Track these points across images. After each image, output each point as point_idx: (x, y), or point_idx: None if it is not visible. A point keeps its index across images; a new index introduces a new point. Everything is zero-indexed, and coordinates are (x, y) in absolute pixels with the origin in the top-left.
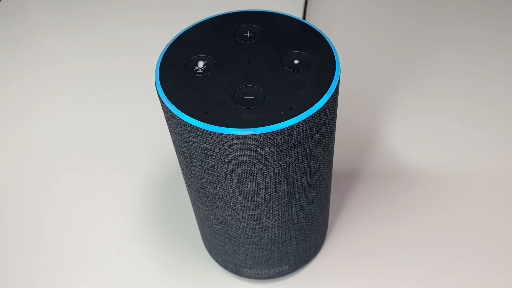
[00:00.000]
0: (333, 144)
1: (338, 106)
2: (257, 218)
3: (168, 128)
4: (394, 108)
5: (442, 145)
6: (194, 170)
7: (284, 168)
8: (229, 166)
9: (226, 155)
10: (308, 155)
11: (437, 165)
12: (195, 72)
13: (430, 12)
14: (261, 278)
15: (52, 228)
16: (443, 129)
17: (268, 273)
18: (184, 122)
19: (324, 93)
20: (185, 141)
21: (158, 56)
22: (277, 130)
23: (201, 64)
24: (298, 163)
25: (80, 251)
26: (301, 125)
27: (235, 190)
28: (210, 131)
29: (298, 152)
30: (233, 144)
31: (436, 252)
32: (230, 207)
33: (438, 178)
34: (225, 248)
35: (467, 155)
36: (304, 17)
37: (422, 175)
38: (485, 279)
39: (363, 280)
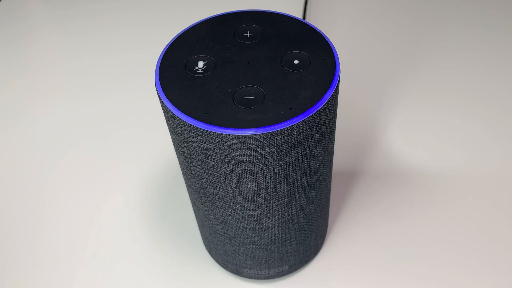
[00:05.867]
0: (333, 144)
1: (338, 106)
2: (257, 218)
3: (168, 128)
4: (394, 108)
5: (442, 145)
6: (194, 170)
7: (284, 168)
8: (229, 166)
9: (226, 155)
10: (308, 155)
11: (437, 165)
12: (195, 72)
13: (430, 12)
14: (261, 278)
15: (51, 228)
16: (443, 128)
17: (268, 273)
18: (184, 122)
19: (324, 93)
20: (185, 141)
21: (158, 56)
22: (277, 130)
23: (201, 64)
24: (298, 163)
25: (80, 250)
26: (301, 125)
27: (235, 190)
28: (210, 131)
29: (298, 152)
30: (233, 144)
31: (436, 251)
32: (230, 207)
33: (437, 177)
34: (225, 248)
35: (467, 154)
36: (304, 17)
37: (422, 175)
38: (486, 278)
39: (363, 280)
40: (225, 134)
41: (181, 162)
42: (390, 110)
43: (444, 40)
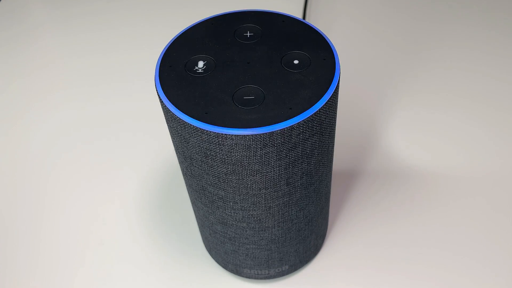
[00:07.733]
0: (333, 144)
1: (338, 106)
2: (257, 218)
3: (168, 128)
4: (394, 108)
5: (442, 145)
6: (194, 170)
7: (284, 168)
8: (229, 166)
9: (226, 155)
10: (308, 155)
11: (436, 165)
12: (195, 72)
13: (430, 12)
14: (261, 278)
15: (51, 228)
16: (443, 128)
17: (268, 273)
18: (184, 122)
19: (324, 93)
20: (185, 141)
21: (158, 56)
22: (277, 130)
23: (201, 64)
24: (298, 163)
25: (80, 251)
26: (301, 125)
27: (235, 190)
28: (210, 131)
29: (298, 152)
30: (233, 144)
31: (436, 251)
32: (230, 207)
33: (437, 177)
34: (225, 248)
35: (467, 154)
36: (304, 17)
37: (422, 175)
38: (486, 278)
39: (363, 280)
40: (225, 134)
41: (181, 162)
42: (390, 110)
43: (444, 40)
